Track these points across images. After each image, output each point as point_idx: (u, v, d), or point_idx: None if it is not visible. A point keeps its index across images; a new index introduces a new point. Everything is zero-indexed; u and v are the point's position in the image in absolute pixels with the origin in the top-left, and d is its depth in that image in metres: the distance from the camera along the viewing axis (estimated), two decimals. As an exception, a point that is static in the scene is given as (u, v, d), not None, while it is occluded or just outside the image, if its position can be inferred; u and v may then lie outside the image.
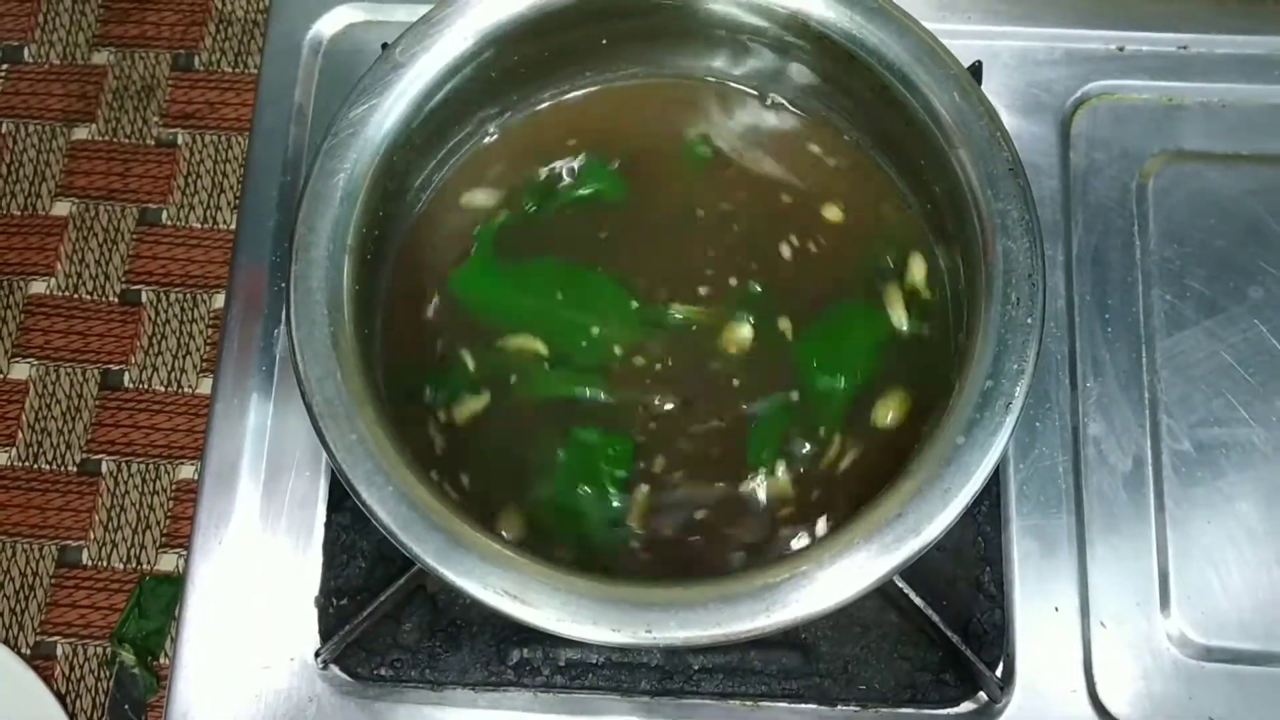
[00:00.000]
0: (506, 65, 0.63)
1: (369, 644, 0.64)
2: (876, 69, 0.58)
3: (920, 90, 0.57)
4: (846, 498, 0.59)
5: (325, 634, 0.63)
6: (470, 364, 0.64)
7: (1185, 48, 0.74)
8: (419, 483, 0.52)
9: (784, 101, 0.67)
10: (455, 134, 0.65)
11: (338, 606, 0.64)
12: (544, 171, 0.67)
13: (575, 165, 0.67)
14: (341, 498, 0.66)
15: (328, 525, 0.66)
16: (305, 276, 0.55)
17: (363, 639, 0.63)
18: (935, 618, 0.60)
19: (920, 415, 0.59)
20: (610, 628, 0.49)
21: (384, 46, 0.70)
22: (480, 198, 0.67)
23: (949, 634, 0.60)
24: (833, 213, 0.66)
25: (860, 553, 0.50)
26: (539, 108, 0.68)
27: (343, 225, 0.56)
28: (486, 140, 0.68)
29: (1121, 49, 0.74)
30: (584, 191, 0.67)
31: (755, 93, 0.68)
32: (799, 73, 0.65)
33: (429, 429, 0.62)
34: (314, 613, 0.64)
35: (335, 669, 0.64)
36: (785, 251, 0.65)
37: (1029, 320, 0.53)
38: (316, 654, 0.63)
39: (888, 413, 0.61)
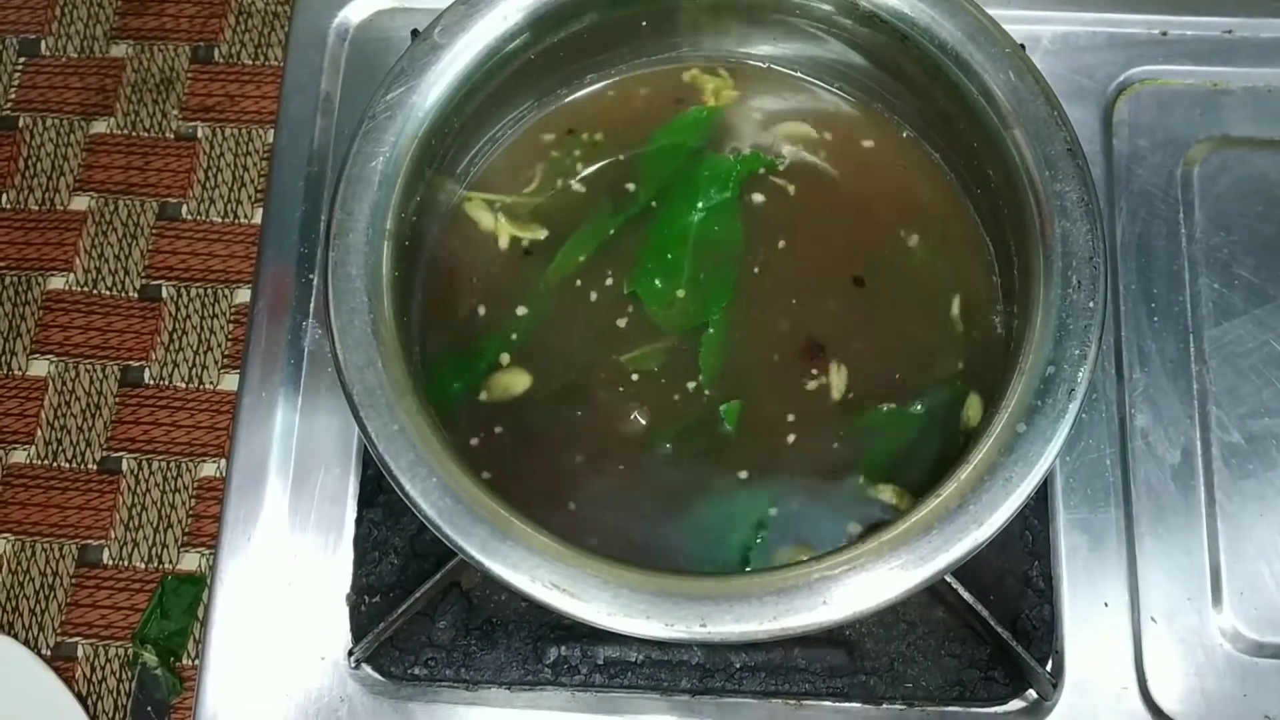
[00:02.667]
0: (549, 47, 0.62)
1: (402, 642, 0.62)
2: (929, 49, 0.57)
3: (974, 70, 0.56)
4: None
5: (357, 633, 0.62)
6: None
7: (1230, 32, 0.73)
8: (462, 474, 0.51)
9: (833, 88, 0.67)
10: (496, 118, 0.64)
11: (370, 604, 0.63)
12: (588, 158, 0.66)
13: (621, 155, 0.66)
14: (373, 493, 0.65)
15: (358, 521, 0.65)
16: (344, 262, 0.54)
17: (396, 637, 0.62)
18: (985, 612, 0.59)
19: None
20: (664, 622, 0.48)
21: (414, 33, 0.69)
22: (521, 184, 0.66)
23: (999, 629, 0.59)
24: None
25: (921, 544, 0.49)
26: (580, 93, 0.67)
27: (382, 209, 0.55)
28: (529, 124, 0.66)
29: (1165, 33, 0.73)
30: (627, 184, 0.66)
31: (805, 77, 0.67)
32: (849, 56, 0.64)
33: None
34: (345, 611, 0.63)
35: (368, 668, 0.63)
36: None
37: (1091, 304, 0.51)
38: (349, 653, 0.62)
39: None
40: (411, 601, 0.60)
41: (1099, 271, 0.52)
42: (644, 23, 0.63)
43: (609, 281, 0.64)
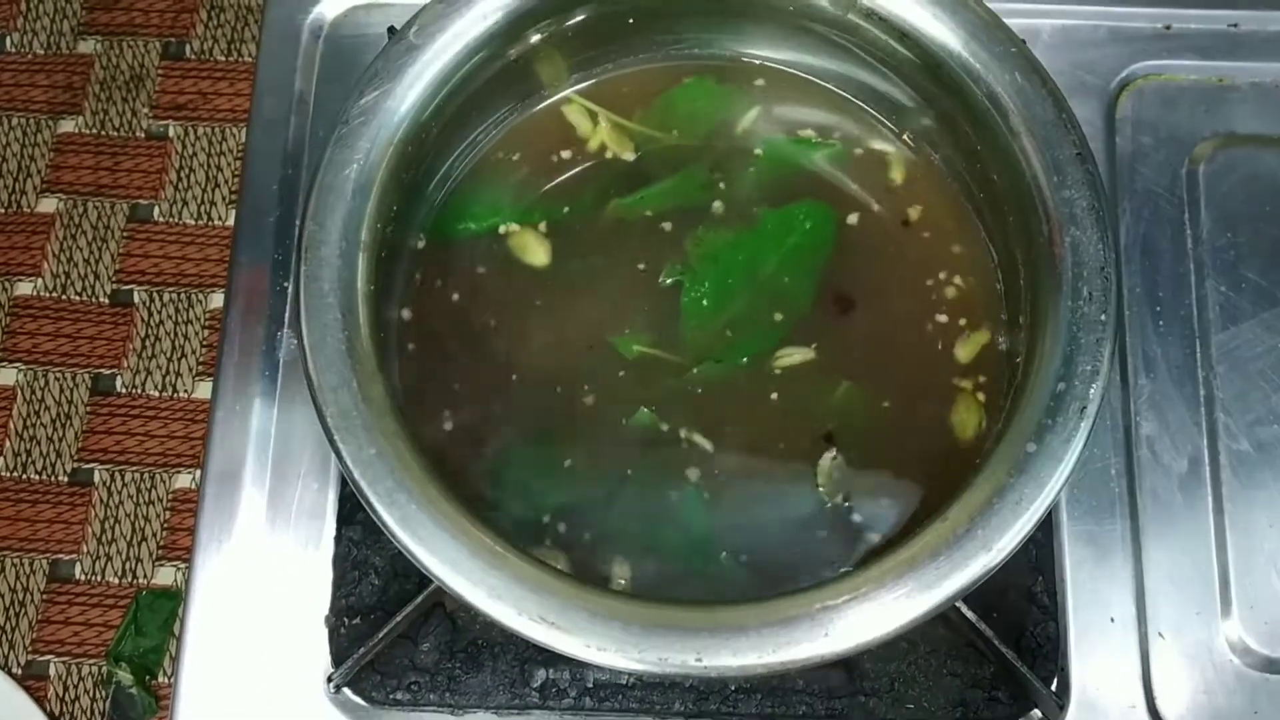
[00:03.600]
0: (529, 48, 0.60)
1: (384, 666, 0.61)
2: (930, 47, 0.55)
3: (977, 70, 0.54)
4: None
5: (337, 655, 0.61)
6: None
7: (1236, 25, 0.72)
8: (443, 498, 0.49)
9: (834, 88, 0.65)
10: (477, 122, 0.62)
11: (350, 626, 0.62)
12: (570, 165, 0.65)
13: (608, 155, 0.65)
14: (353, 511, 0.63)
15: (338, 539, 0.63)
16: (316, 277, 0.51)
17: (377, 660, 0.61)
18: (988, 631, 0.58)
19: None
20: (657, 657, 0.46)
21: (390, 30, 0.67)
22: (505, 192, 0.64)
23: (1002, 649, 0.58)
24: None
25: (927, 570, 0.47)
26: (562, 94, 0.65)
27: (356, 220, 0.53)
28: (511, 127, 0.64)
29: (1169, 27, 0.72)
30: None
31: (804, 76, 0.65)
32: (846, 57, 0.62)
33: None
34: (324, 633, 0.62)
35: (348, 692, 0.61)
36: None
37: (1103, 317, 0.50)
38: (329, 678, 0.60)
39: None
40: (393, 625, 0.58)
41: (1110, 283, 0.50)
42: (631, 20, 0.61)
43: (642, 260, 0.62)
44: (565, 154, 0.65)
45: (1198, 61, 0.71)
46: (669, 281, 0.62)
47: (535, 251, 0.63)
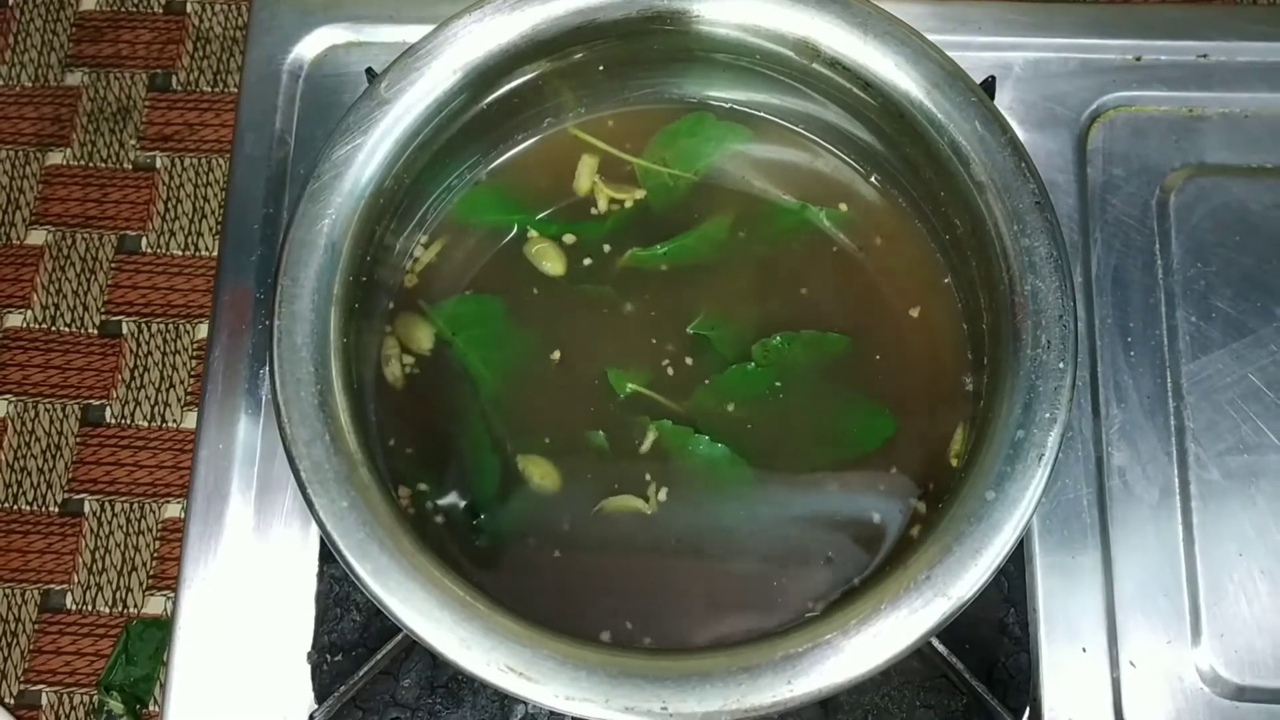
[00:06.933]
0: (498, 98, 0.60)
1: (365, 702, 0.61)
2: (892, 97, 0.55)
3: (938, 119, 0.54)
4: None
5: (320, 693, 0.61)
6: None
7: (1205, 56, 0.72)
8: (416, 551, 0.49)
9: (799, 130, 0.65)
10: (449, 172, 0.62)
11: (331, 663, 0.62)
12: (548, 211, 0.65)
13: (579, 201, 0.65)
14: (334, 549, 0.63)
15: (320, 577, 0.63)
16: (290, 331, 0.52)
17: (359, 697, 0.61)
18: (959, 665, 0.58)
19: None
20: (623, 706, 0.46)
21: (369, 72, 0.68)
22: (479, 241, 0.64)
23: (973, 682, 0.58)
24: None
25: (887, 618, 0.48)
26: (534, 140, 0.65)
27: (328, 275, 0.53)
28: (483, 179, 0.65)
29: (1139, 59, 0.72)
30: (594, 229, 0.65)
31: (775, 120, 0.65)
32: (812, 101, 0.62)
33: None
34: (307, 669, 0.62)
35: (331, 728, 0.61)
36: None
37: (1061, 365, 0.50)
38: (311, 717, 0.60)
39: None
40: (374, 662, 0.59)
41: (1069, 331, 0.50)
42: (600, 68, 0.61)
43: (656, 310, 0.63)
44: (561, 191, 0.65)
45: (1168, 92, 0.71)
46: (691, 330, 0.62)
47: (552, 267, 0.64)
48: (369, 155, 0.55)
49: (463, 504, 0.59)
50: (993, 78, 0.67)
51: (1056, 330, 0.50)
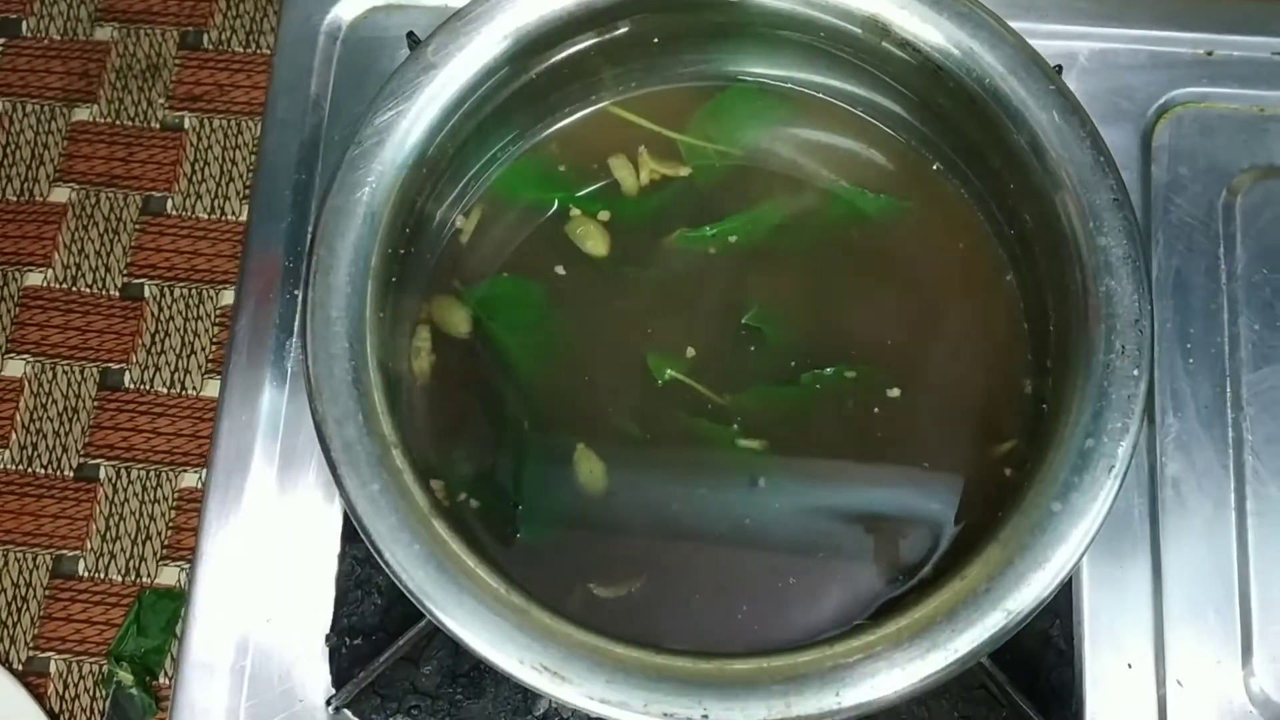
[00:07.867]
0: (545, 69, 0.58)
1: (385, 688, 0.60)
2: (965, 82, 0.53)
3: (1014, 107, 0.52)
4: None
5: (337, 677, 0.60)
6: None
7: (1279, 54, 0.69)
8: (449, 539, 0.48)
9: (861, 114, 0.63)
10: (490, 144, 0.60)
11: (351, 646, 0.61)
12: (593, 186, 0.63)
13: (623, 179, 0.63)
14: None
15: (341, 557, 0.62)
16: (324, 304, 0.50)
17: (378, 683, 0.60)
18: (1001, 676, 0.56)
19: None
20: (661, 711, 0.44)
21: (409, 35, 0.65)
22: (518, 218, 0.62)
23: (1015, 695, 0.56)
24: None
25: (941, 630, 0.46)
26: (583, 114, 0.63)
27: (366, 246, 0.51)
28: (524, 153, 0.63)
29: (1210, 53, 0.70)
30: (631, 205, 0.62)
31: (831, 101, 0.63)
32: (876, 82, 0.60)
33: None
34: (325, 652, 0.61)
35: (348, 714, 0.60)
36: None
37: (1135, 372, 0.48)
38: (328, 701, 0.59)
39: None
40: (396, 648, 0.57)
41: (1145, 337, 0.48)
42: (655, 40, 0.59)
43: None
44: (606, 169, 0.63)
45: (1239, 90, 0.69)
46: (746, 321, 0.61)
47: (594, 247, 0.62)
48: (413, 122, 0.53)
49: (498, 493, 0.57)
50: (1059, 66, 0.64)
51: (1132, 336, 0.48)
